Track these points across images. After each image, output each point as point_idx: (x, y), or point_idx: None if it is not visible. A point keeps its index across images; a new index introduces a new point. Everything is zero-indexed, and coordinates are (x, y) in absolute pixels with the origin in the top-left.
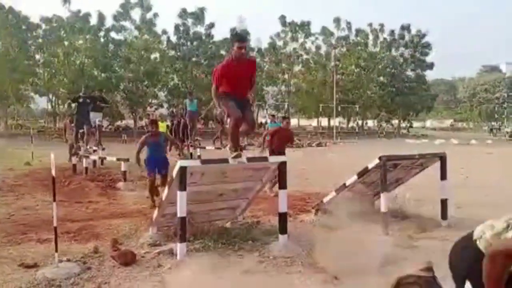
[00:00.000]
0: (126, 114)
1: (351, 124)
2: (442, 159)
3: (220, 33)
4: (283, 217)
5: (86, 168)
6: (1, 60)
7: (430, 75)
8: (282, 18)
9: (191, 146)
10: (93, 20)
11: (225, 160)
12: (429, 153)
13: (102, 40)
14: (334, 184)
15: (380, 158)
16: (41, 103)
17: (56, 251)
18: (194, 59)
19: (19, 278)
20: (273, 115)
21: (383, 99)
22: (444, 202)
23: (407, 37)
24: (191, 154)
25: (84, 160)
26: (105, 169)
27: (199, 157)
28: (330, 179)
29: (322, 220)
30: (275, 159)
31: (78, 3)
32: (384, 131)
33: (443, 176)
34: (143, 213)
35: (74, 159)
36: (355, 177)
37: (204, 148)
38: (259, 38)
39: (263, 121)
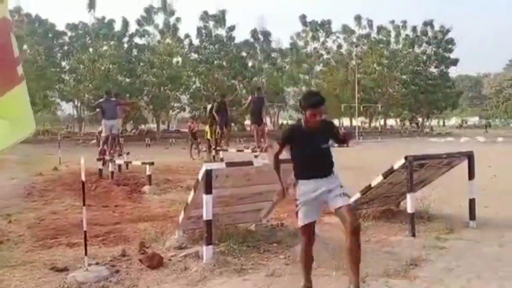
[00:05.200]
0: (149, 118)
1: (373, 124)
2: (470, 158)
3: (241, 35)
4: None
5: (112, 173)
6: (29, 67)
7: (454, 71)
8: (303, 18)
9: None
10: (117, 26)
11: (250, 163)
12: (457, 152)
13: (126, 45)
14: (359, 185)
15: (406, 158)
16: (67, 109)
17: (86, 254)
18: (216, 62)
19: (50, 282)
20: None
21: (406, 97)
22: (472, 202)
23: (430, 33)
24: (213, 157)
25: (110, 164)
26: (130, 173)
27: (221, 159)
28: (355, 180)
29: None
30: None
31: (103, 9)
32: (407, 130)
33: (471, 176)
34: (169, 216)
35: (100, 164)
36: (380, 177)
37: (227, 150)
38: (279, 39)
39: (284, 122)
